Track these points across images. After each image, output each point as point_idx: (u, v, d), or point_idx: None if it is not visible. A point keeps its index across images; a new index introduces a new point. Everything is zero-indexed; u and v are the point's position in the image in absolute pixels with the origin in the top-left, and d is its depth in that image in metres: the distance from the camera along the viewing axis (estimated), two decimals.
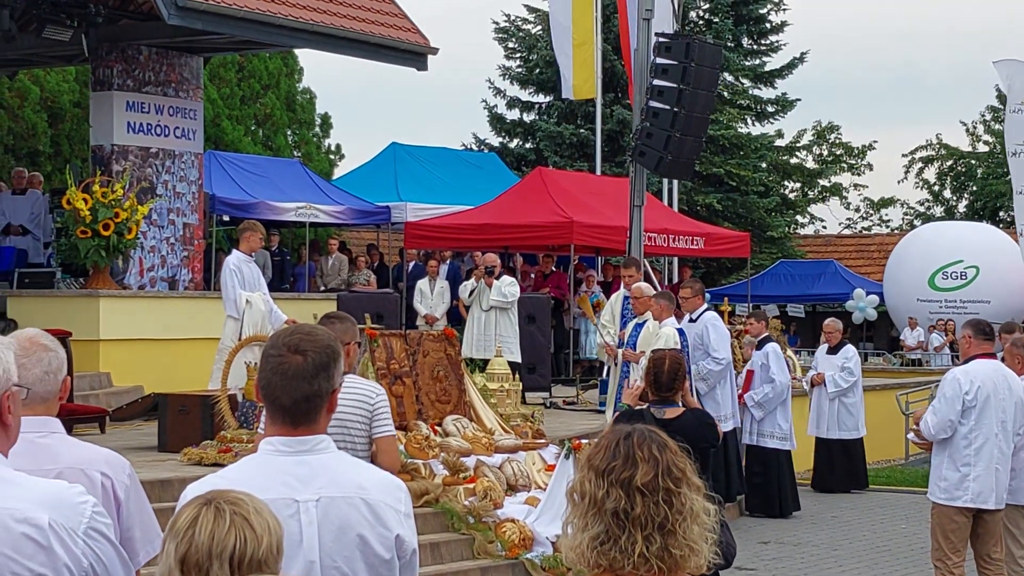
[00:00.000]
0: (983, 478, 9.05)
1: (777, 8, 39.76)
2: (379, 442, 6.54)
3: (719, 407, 14.26)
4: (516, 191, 23.47)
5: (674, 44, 17.08)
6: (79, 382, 14.61)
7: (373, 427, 6.54)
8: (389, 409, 6.65)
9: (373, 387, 6.71)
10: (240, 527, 2.78)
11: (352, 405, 6.52)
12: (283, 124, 29.76)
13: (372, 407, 6.55)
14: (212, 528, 2.77)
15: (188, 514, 2.81)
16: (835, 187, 48.88)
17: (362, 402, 6.55)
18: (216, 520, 2.78)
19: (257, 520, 2.81)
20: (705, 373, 14.27)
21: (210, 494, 2.86)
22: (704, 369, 14.24)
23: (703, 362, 14.24)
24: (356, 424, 6.52)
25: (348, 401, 6.51)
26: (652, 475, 3.00)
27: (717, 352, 14.25)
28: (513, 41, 39.55)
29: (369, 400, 6.56)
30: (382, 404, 6.58)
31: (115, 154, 17.89)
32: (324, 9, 18.20)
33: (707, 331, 14.30)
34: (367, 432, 6.54)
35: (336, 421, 6.53)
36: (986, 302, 30.98)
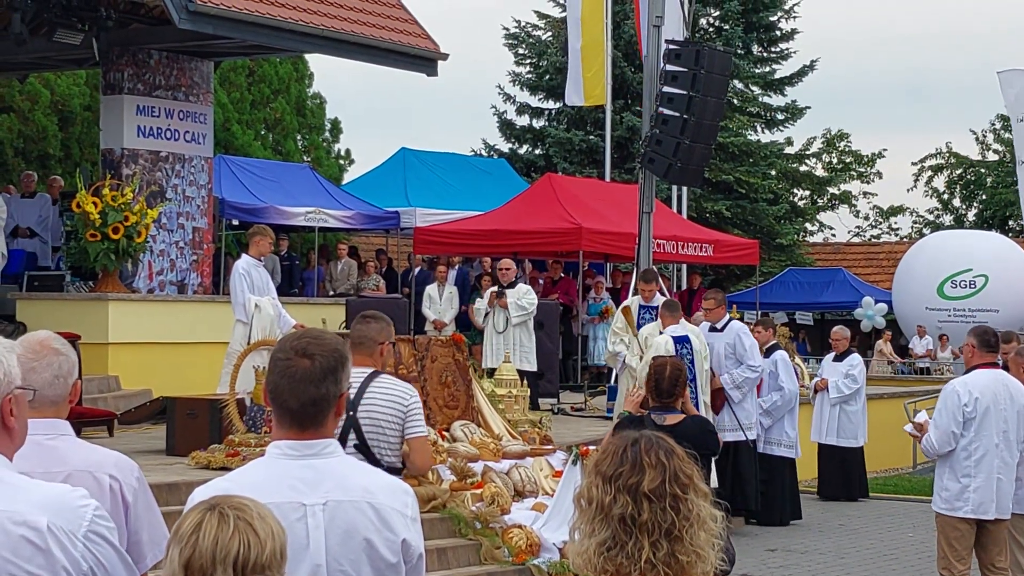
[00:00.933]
0: (983, 489, 9.04)
1: (787, 16, 39.76)
2: (411, 442, 6.64)
3: (748, 415, 14.55)
4: (525, 197, 23.47)
5: (684, 51, 17.08)
6: (87, 385, 14.63)
7: (406, 427, 6.64)
8: (422, 410, 6.77)
9: (407, 388, 6.80)
10: (244, 532, 2.79)
11: (386, 404, 6.61)
12: (293, 129, 29.80)
13: (406, 407, 6.65)
14: (216, 533, 2.78)
15: (192, 519, 2.82)
16: (844, 195, 48.86)
17: (396, 402, 6.64)
18: (220, 525, 2.79)
19: (261, 525, 2.81)
20: (741, 381, 14.43)
21: (214, 499, 2.87)
22: (740, 377, 14.41)
23: (738, 370, 14.43)
24: (390, 423, 6.61)
25: (382, 400, 6.60)
26: (659, 481, 3.01)
27: (752, 360, 14.51)
28: (523, 47, 39.57)
29: (403, 401, 6.66)
30: (415, 405, 6.70)
31: (125, 158, 17.93)
32: (334, 14, 18.24)
33: (739, 340, 14.51)
34: (400, 432, 6.65)
35: (370, 420, 6.57)
36: (995, 311, 30.94)
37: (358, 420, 6.59)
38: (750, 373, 14.50)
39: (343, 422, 6.55)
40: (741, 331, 14.66)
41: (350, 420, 6.58)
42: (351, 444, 6.59)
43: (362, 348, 6.79)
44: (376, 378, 6.69)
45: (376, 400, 6.62)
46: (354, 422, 6.59)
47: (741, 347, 14.44)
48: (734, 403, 14.42)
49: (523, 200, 23.21)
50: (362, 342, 6.80)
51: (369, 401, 6.61)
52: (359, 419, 6.59)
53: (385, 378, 6.76)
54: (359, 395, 6.62)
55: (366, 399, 6.62)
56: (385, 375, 6.82)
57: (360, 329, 6.83)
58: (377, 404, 6.61)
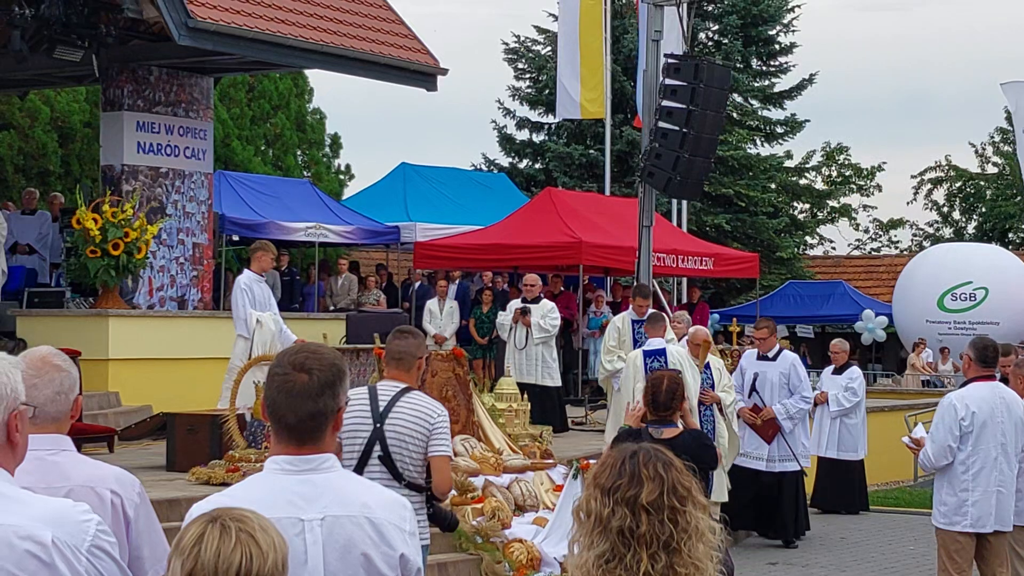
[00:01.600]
0: (981, 503, 9.04)
1: (786, 30, 39.81)
2: (432, 461, 6.62)
3: (799, 444, 14.51)
4: (525, 211, 23.50)
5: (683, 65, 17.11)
6: (87, 401, 14.64)
7: (429, 445, 6.61)
8: (448, 429, 6.71)
9: (436, 406, 6.77)
10: (246, 544, 2.79)
11: (413, 420, 6.61)
12: (293, 144, 29.84)
13: (432, 425, 6.62)
14: (218, 545, 2.78)
15: (194, 531, 2.82)
16: (844, 208, 48.86)
17: (423, 419, 6.63)
18: (222, 537, 2.79)
19: (263, 537, 2.82)
20: (795, 412, 14.40)
21: (216, 511, 2.87)
22: (794, 408, 14.36)
23: (791, 401, 14.35)
24: (415, 440, 6.60)
25: (410, 416, 6.61)
26: (657, 493, 3.01)
27: (807, 391, 14.56)
28: (523, 62, 39.64)
29: (430, 418, 6.64)
30: (442, 423, 6.65)
31: (125, 174, 17.95)
32: (334, 30, 18.27)
33: (794, 370, 14.46)
34: (423, 449, 6.61)
35: (395, 434, 6.56)
36: (995, 323, 30.93)
37: (384, 433, 6.58)
38: (804, 404, 14.50)
39: (369, 433, 6.56)
40: (795, 361, 14.60)
41: (376, 432, 6.58)
42: (375, 456, 6.58)
43: (402, 363, 6.79)
44: (407, 393, 6.69)
45: (404, 415, 6.61)
46: (380, 434, 6.58)
47: (796, 378, 14.37)
48: (786, 433, 14.37)
49: (523, 214, 23.24)
50: (402, 357, 6.78)
51: (397, 415, 6.61)
52: (385, 432, 6.58)
53: (416, 394, 6.75)
54: (388, 408, 6.61)
55: (394, 413, 6.61)
56: (417, 391, 6.81)
57: (400, 344, 6.80)
58: (404, 419, 6.60)
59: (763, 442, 14.41)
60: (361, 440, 6.58)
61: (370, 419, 6.60)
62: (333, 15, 18.59)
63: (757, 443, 14.42)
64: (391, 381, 6.78)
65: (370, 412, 6.61)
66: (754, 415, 14.32)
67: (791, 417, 14.39)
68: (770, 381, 14.35)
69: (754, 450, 14.41)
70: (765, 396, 14.35)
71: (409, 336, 6.85)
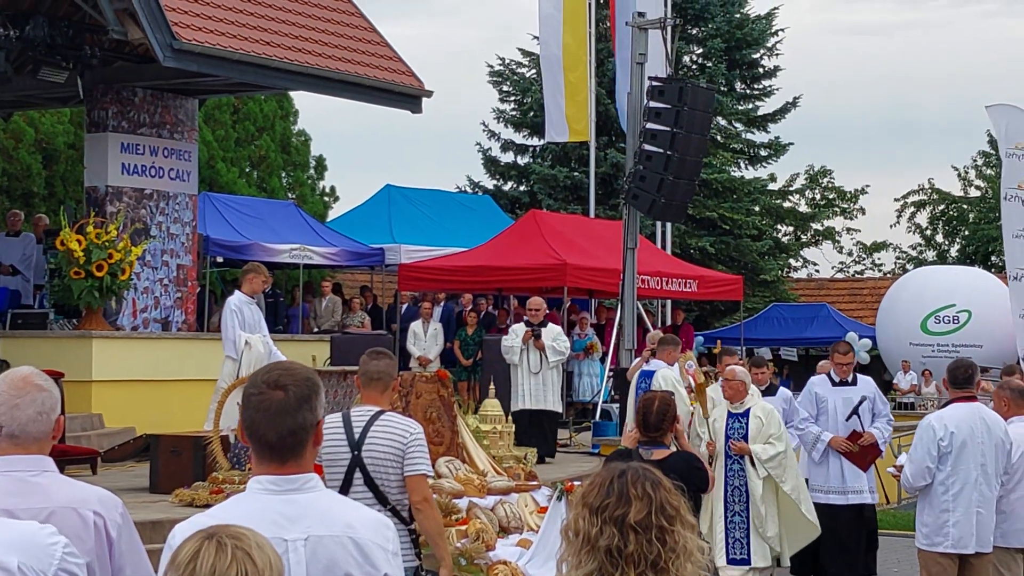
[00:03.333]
0: (962, 523, 9.04)
1: (770, 53, 39.99)
2: (407, 480, 6.57)
3: (867, 479, 12.63)
4: (510, 233, 23.52)
5: (667, 88, 17.17)
6: (71, 423, 14.57)
7: (404, 464, 6.57)
8: (423, 446, 6.64)
9: (409, 425, 6.71)
10: (242, 561, 2.77)
11: (386, 442, 6.56)
12: (278, 166, 29.84)
13: (405, 444, 6.57)
14: (214, 562, 2.76)
15: (190, 547, 2.80)
16: (828, 231, 49.01)
17: (396, 440, 6.58)
18: (218, 554, 2.77)
19: (259, 555, 2.80)
20: (888, 436, 12.81)
21: (212, 528, 2.86)
22: (887, 431, 12.66)
23: (882, 424, 12.57)
24: (392, 461, 6.56)
25: (383, 439, 6.57)
26: (645, 513, 3.01)
27: (889, 415, 12.86)
28: (507, 84, 39.73)
29: (403, 439, 6.58)
30: (415, 441, 6.59)
31: (109, 195, 17.92)
32: (319, 52, 18.28)
33: (878, 395, 12.88)
34: (400, 469, 6.57)
35: (371, 459, 6.53)
36: (978, 346, 31.02)
37: (363, 459, 6.55)
38: (890, 428, 12.74)
39: (347, 461, 6.53)
40: (875, 386, 12.89)
41: (355, 459, 6.55)
42: (358, 483, 6.56)
43: (377, 384, 6.75)
44: (380, 417, 6.66)
45: (378, 439, 6.58)
46: (359, 461, 6.55)
47: (881, 402, 12.71)
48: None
49: (508, 236, 23.26)
50: (379, 377, 6.74)
51: (372, 440, 6.58)
52: (363, 458, 6.55)
53: (389, 416, 6.72)
54: (364, 434, 6.58)
55: (370, 438, 6.58)
56: (390, 413, 6.78)
57: (376, 365, 6.76)
58: (380, 443, 6.58)
59: (839, 473, 12.41)
60: (340, 468, 6.56)
61: (347, 447, 6.57)
62: (318, 37, 18.61)
63: (835, 474, 12.46)
64: (365, 405, 6.76)
65: (346, 440, 6.58)
66: (851, 443, 12.32)
67: (886, 442, 12.86)
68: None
69: (834, 484, 12.44)
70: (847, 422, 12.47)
71: (383, 357, 6.81)
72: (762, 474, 11.12)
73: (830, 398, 12.55)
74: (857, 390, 12.54)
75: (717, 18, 38.52)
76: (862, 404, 12.50)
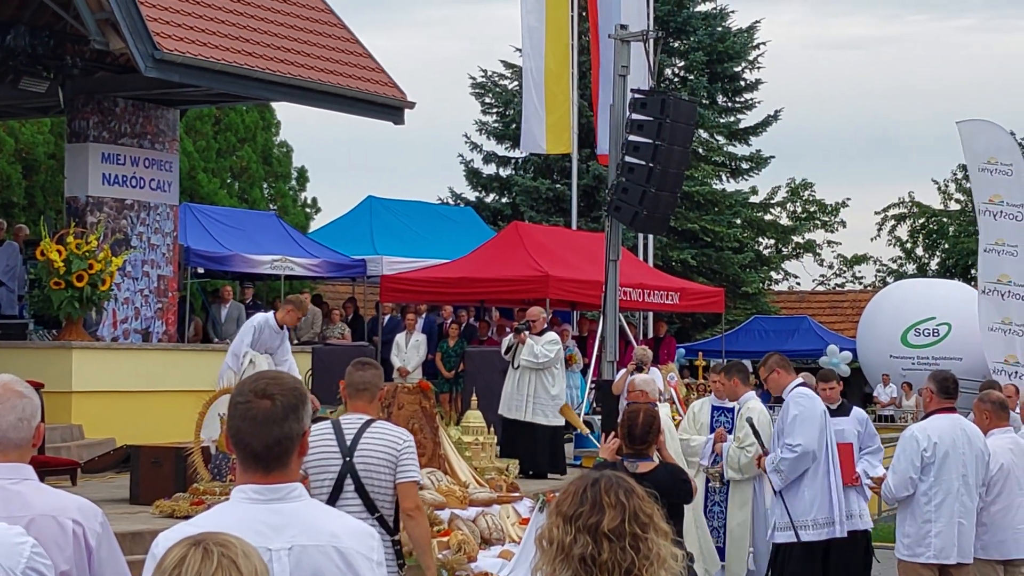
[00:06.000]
0: (944, 534, 9.07)
1: (751, 66, 40.11)
2: (400, 487, 6.61)
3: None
4: (492, 245, 23.52)
5: (649, 100, 17.21)
6: (51, 434, 14.54)
7: (396, 471, 6.60)
8: (415, 455, 6.70)
9: (401, 432, 6.77)
10: (227, 569, 2.77)
11: (380, 450, 6.59)
12: (259, 177, 29.81)
13: (399, 451, 6.61)
14: (199, 569, 2.76)
15: (176, 553, 2.80)
16: (809, 244, 49.14)
17: (390, 447, 6.61)
18: (204, 561, 2.77)
19: (245, 564, 2.80)
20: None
21: (199, 535, 2.85)
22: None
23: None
24: (384, 469, 6.58)
25: (377, 446, 6.60)
26: (619, 520, 3.02)
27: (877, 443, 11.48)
28: (490, 96, 39.77)
29: (397, 445, 6.62)
30: (408, 449, 6.65)
31: (90, 205, 17.89)
32: (301, 63, 18.29)
33: (868, 425, 11.60)
34: (393, 478, 6.60)
35: (365, 467, 6.55)
36: (958, 359, 31.11)
37: (355, 465, 6.56)
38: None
39: (339, 467, 6.54)
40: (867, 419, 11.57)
41: (347, 466, 6.55)
42: (348, 490, 6.56)
43: (365, 394, 6.77)
44: (372, 424, 6.69)
45: (372, 446, 6.60)
46: (350, 467, 6.55)
47: (869, 435, 11.37)
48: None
49: (490, 248, 23.26)
50: (366, 387, 6.77)
51: (365, 447, 6.59)
52: (356, 464, 6.56)
53: (381, 424, 6.77)
54: (356, 441, 6.59)
55: (362, 445, 6.59)
56: (381, 421, 6.82)
57: (362, 376, 6.78)
58: (373, 450, 6.59)
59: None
60: (331, 475, 6.56)
61: (338, 453, 6.57)
62: (300, 48, 18.62)
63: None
64: (354, 414, 6.77)
65: (337, 446, 6.59)
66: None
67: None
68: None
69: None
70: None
71: (369, 367, 6.85)
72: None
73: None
74: (849, 421, 11.30)
75: (699, 31, 38.63)
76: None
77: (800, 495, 10.07)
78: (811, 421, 10.16)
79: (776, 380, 10.47)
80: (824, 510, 10.14)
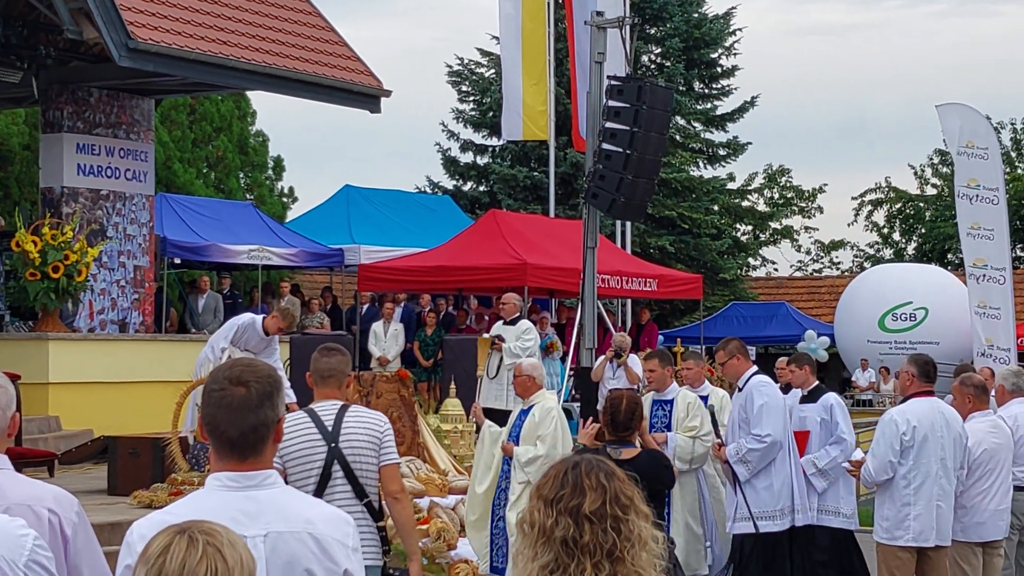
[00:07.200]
0: (923, 517, 9.09)
1: (728, 53, 40.14)
2: (384, 469, 6.62)
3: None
4: (470, 233, 23.50)
5: (626, 87, 17.18)
6: (27, 425, 14.48)
7: (380, 454, 6.62)
8: (394, 437, 6.75)
9: (379, 416, 6.79)
10: (212, 558, 2.75)
11: (364, 433, 6.60)
12: (235, 167, 29.70)
13: (381, 434, 6.64)
14: (184, 557, 2.74)
15: (161, 541, 2.78)
16: (786, 230, 49.26)
17: (372, 430, 6.62)
18: (188, 549, 2.75)
19: (230, 552, 2.78)
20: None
21: (185, 523, 2.83)
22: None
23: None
24: (370, 452, 6.58)
25: (360, 430, 6.60)
26: (600, 503, 3.02)
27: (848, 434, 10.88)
28: (467, 84, 39.72)
29: (378, 428, 6.65)
30: (389, 431, 6.69)
31: (65, 196, 17.80)
32: (276, 51, 18.22)
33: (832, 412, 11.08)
34: (376, 459, 6.61)
35: (351, 451, 6.53)
36: (935, 343, 31.25)
37: (341, 451, 6.53)
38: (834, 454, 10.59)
39: (325, 454, 6.51)
40: (836, 406, 10.98)
41: (332, 452, 6.52)
42: (337, 476, 6.53)
43: (332, 380, 6.74)
44: (348, 409, 6.68)
45: (355, 429, 6.58)
46: (337, 453, 6.53)
47: (837, 421, 10.84)
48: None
49: (468, 236, 23.24)
50: (332, 374, 6.74)
51: (349, 431, 6.57)
52: (342, 450, 6.54)
53: (357, 408, 6.77)
54: (336, 427, 6.57)
55: (345, 430, 6.57)
56: (356, 406, 6.83)
57: (328, 362, 6.76)
58: (356, 434, 6.58)
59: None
60: (318, 462, 6.51)
61: (322, 440, 6.52)
62: (276, 36, 18.54)
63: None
64: (326, 400, 6.73)
65: (319, 433, 6.54)
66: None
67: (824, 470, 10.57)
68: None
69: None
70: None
71: (336, 353, 6.81)
72: (520, 479, 9.73)
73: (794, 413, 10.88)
74: (814, 408, 10.95)
75: (675, 18, 38.63)
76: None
77: (762, 485, 9.94)
78: (778, 411, 10.13)
79: (735, 367, 10.29)
80: (786, 500, 10.05)
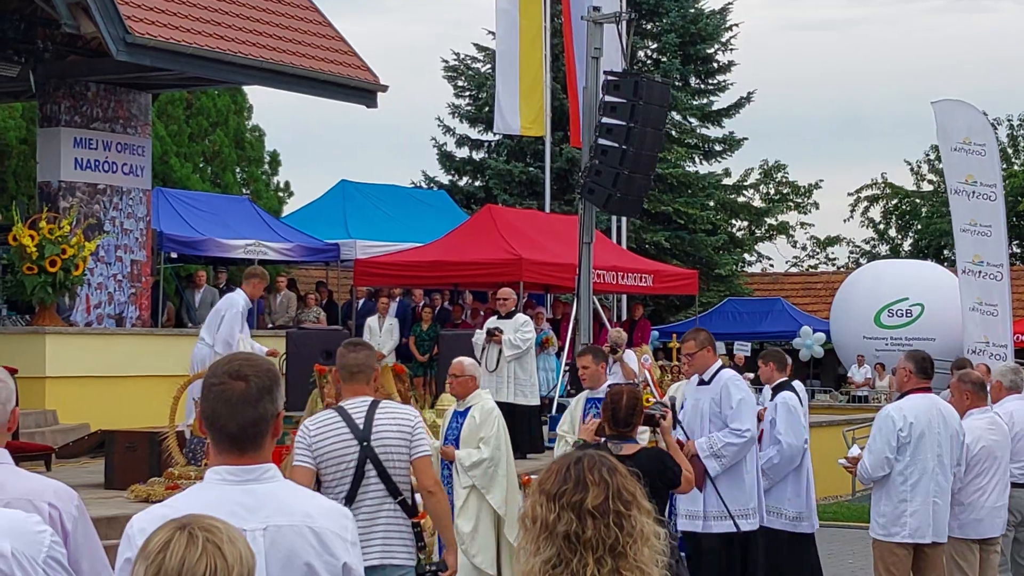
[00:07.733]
0: (920, 513, 9.10)
1: (724, 48, 40.13)
2: (417, 462, 6.63)
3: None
4: (465, 228, 23.50)
5: (623, 82, 17.18)
6: (25, 419, 14.48)
7: (412, 448, 6.61)
8: (425, 429, 6.76)
9: (409, 411, 6.81)
10: (212, 554, 2.75)
11: (395, 430, 6.59)
12: (232, 161, 29.69)
13: (412, 429, 6.63)
14: (183, 553, 2.74)
15: (161, 537, 2.78)
16: (782, 225, 49.27)
17: (403, 426, 6.62)
18: (188, 545, 2.76)
19: (230, 549, 2.78)
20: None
21: (185, 519, 2.84)
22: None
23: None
24: (401, 449, 6.57)
25: (392, 426, 6.58)
26: (603, 498, 3.03)
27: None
28: (463, 79, 39.70)
29: (409, 423, 6.64)
30: (420, 425, 6.70)
31: (62, 190, 17.80)
32: (273, 46, 18.22)
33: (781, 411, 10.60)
34: (408, 455, 6.60)
35: (383, 448, 6.52)
36: (931, 339, 31.25)
37: (374, 449, 6.51)
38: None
39: (357, 453, 6.49)
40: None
41: (365, 450, 6.49)
42: (370, 475, 6.50)
43: (360, 376, 6.71)
44: (379, 406, 6.65)
45: (386, 427, 6.56)
46: (370, 451, 6.50)
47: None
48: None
49: (463, 231, 23.24)
50: (361, 370, 6.72)
51: (381, 429, 6.55)
52: (375, 448, 6.51)
53: (387, 404, 6.76)
54: (368, 424, 6.53)
55: (376, 427, 6.54)
56: (386, 401, 6.81)
57: (355, 357, 6.73)
58: (389, 431, 6.57)
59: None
60: (350, 462, 6.48)
61: (353, 439, 6.48)
62: (272, 31, 18.54)
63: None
64: (355, 397, 6.68)
65: (351, 432, 6.50)
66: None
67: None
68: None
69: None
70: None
71: (363, 348, 6.82)
72: (465, 483, 9.63)
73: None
74: (771, 406, 10.55)
75: (671, 13, 38.62)
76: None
77: (734, 483, 9.53)
78: (753, 406, 9.80)
79: (704, 358, 9.81)
80: (754, 498, 9.68)
